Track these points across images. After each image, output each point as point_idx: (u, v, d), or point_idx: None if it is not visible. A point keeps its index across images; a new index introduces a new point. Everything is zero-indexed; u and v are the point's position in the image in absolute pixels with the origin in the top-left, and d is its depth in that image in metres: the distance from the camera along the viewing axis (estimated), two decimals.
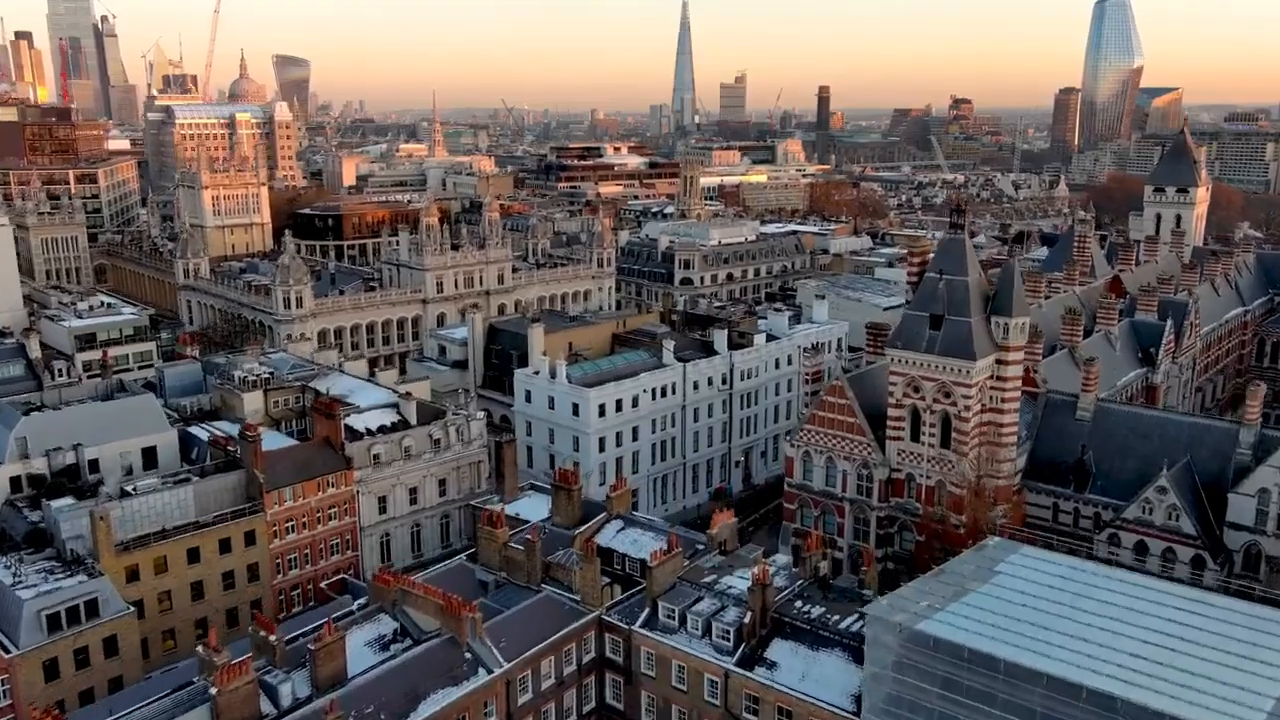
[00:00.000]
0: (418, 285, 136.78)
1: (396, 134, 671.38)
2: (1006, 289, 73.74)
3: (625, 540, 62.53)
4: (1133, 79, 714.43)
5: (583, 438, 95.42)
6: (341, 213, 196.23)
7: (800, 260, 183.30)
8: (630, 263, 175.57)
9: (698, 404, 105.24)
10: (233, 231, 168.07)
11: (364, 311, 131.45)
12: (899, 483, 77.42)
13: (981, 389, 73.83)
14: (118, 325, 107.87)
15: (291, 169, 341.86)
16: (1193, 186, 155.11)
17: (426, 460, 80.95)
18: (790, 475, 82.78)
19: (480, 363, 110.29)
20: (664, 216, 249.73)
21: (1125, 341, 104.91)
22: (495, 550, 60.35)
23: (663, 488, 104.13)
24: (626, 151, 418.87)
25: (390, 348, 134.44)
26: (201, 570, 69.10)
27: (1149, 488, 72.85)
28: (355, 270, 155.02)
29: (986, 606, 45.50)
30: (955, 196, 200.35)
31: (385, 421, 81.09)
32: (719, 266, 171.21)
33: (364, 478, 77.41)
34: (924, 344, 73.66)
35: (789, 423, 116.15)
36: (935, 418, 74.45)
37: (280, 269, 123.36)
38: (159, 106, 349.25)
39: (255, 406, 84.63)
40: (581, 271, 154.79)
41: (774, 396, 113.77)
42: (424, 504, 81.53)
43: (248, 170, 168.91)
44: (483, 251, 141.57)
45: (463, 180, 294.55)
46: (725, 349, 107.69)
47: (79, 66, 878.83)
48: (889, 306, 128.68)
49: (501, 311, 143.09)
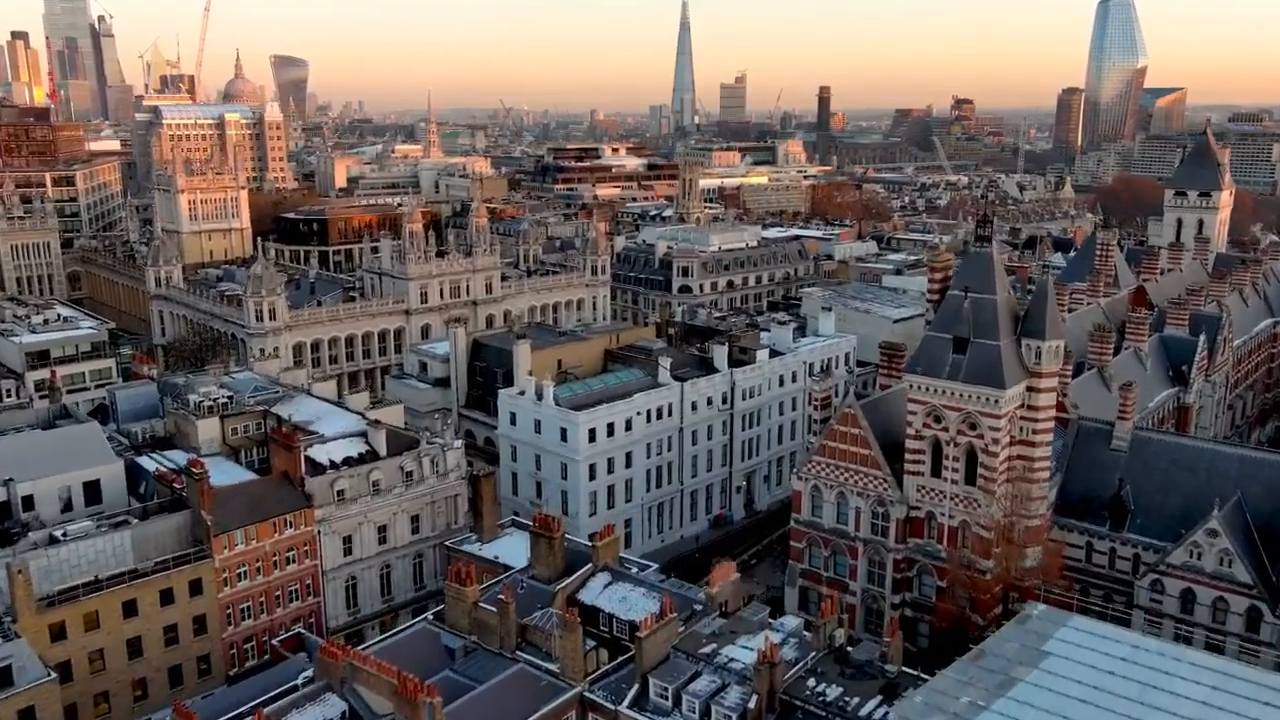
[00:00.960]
0: (400, 295, 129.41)
1: (395, 134, 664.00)
2: (1039, 308, 66.35)
3: (613, 597, 55.12)
4: (1136, 79, 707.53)
5: (571, 465, 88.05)
6: (326, 217, 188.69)
7: (804, 266, 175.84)
8: (626, 269, 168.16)
9: (696, 426, 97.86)
10: (210, 237, 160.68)
11: (343, 323, 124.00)
12: (918, 522, 69.99)
13: (1011, 420, 66.42)
14: (74, 341, 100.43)
15: (282, 170, 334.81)
16: (1216, 190, 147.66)
17: (397, 495, 73.54)
18: (797, 511, 75.33)
19: (463, 380, 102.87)
20: (662, 219, 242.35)
21: (1155, 359, 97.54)
22: (464, 611, 52.97)
23: (658, 516, 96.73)
24: (625, 153, 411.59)
25: (371, 361, 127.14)
26: (140, 625, 61.70)
27: (1198, 530, 65.49)
28: (336, 279, 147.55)
29: (1040, 703, 38.13)
30: (981, 205, 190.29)
31: (352, 452, 73.64)
32: (719, 274, 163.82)
33: (327, 516, 70.00)
34: (947, 370, 66.25)
35: (794, 444, 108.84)
36: (959, 451, 67.04)
37: (252, 279, 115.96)
38: (147, 106, 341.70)
39: (211, 435, 77.18)
40: (575, 280, 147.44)
41: (778, 416, 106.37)
42: (395, 543, 74.10)
43: (227, 173, 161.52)
44: (470, 259, 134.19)
45: (455, 183, 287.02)
46: (725, 366, 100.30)
47: (76, 67, 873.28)
48: (900, 319, 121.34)
49: (490, 323, 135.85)
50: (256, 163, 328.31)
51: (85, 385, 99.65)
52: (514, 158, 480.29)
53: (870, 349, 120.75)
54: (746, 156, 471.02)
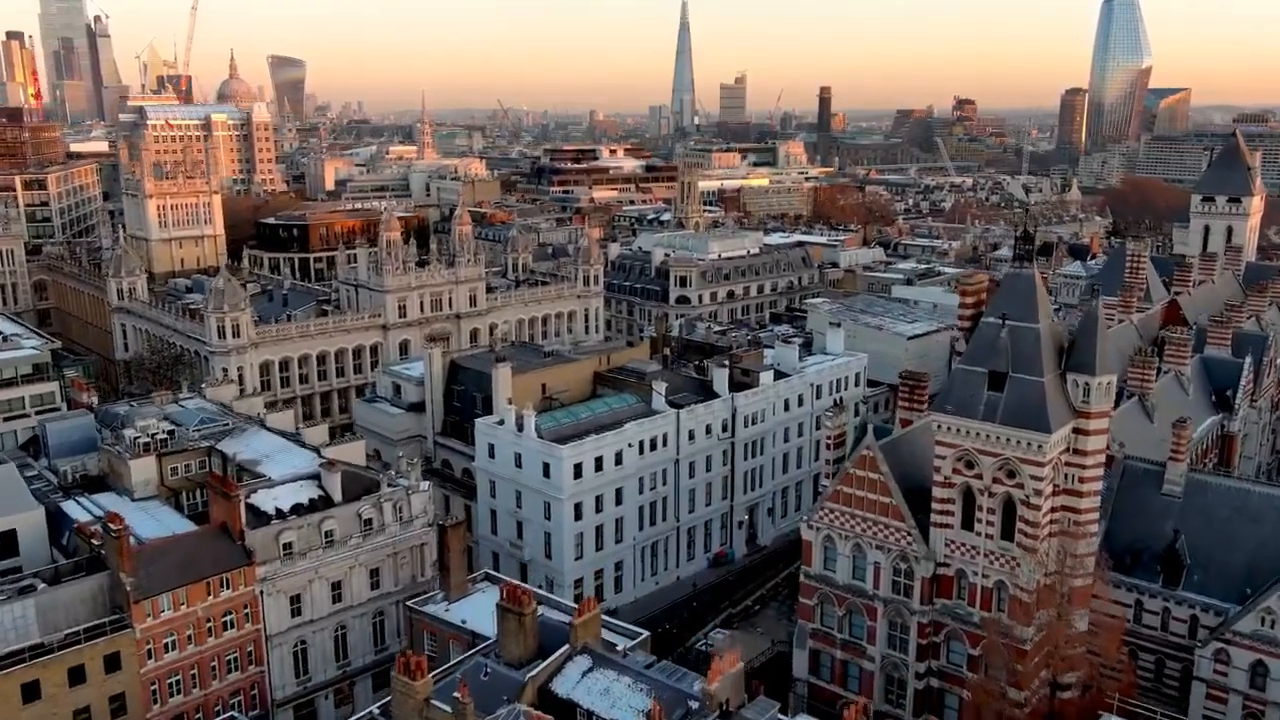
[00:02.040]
0: (378, 308, 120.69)
1: (392, 135, 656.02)
2: (1088, 338, 57.62)
3: (593, 689, 46.40)
4: (1141, 79, 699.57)
5: (555, 504, 79.36)
6: (307, 222, 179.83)
7: (808, 275, 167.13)
8: (621, 278, 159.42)
9: (694, 457, 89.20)
10: (181, 245, 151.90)
11: (314, 340, 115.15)
12: (947, 581, 61.26)
13: (1055, 466, 57.72)
14: (12, 362, 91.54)
15: (271, 173, 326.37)
16: (1246, 195, 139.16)
17: (354, 547, 64.83)
18: (807, 563, 66.58)
19: (440, 406, 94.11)
20: (660, 224, 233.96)
21: (1197, 383, 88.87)
22: (413, 710, 44.24)
23: (652, 556, 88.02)
24: (623, 154, 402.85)
25: (345, 380, 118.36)
26: (44, 710, 53.01)
27: (1271, 594, 56.91)
28: (311, 290, 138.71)
29: None
30: (1022, 220, 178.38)
31: (303, 498, 64.91)
32: (719, 283, 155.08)
33: (271, 574, 61.29)
34: (981, 409, 57.52)
35: (800, 473, 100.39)
36: (995, 502, 58.32)
37: (214, 292, 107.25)
38: (132, 107, 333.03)
39: (147, 476, 68.47)
40: (566, 290, 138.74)
41: (783, 443, 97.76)
42: (351, 601, 65.39)
43: (199, 176, 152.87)
44: (452, 270, 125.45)
45: (446, 185, 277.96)
46: (726, 390, 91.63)
47: (72, 67, 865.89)
48: (914, 335, 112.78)
49: (474, 337, 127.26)
50: (244, 165, 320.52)
51: (25, 411, 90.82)
52: (510, 159, 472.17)
53: (882, 367, 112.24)
54: (747, 158, 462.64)
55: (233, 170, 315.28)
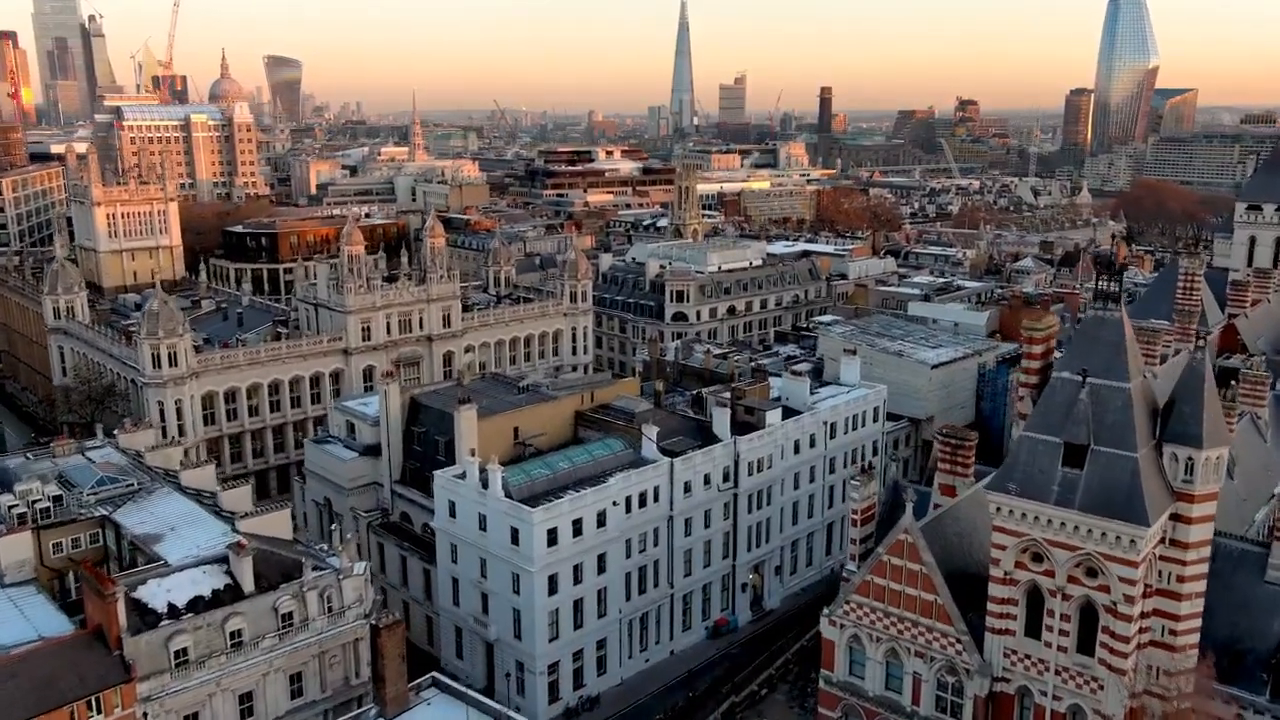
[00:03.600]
0: (339, 331, 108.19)
1: (388, 136, 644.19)
2: (1192, 400, 45.25)
3: None
4: (1148, 79, 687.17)
5: (525, 577, 66.87)
6: (276, 230, 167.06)
7: (815, 288, 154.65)
8: (613, 292, 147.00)
9: (691, 512, 76.73)
10: (134, 256, 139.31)
11: (265, 367, 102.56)
12: (1006, 700, 48.90)
13: (1149, 562, 45.37)
14: None
15: (254, 175, 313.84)
16: None
17: (268, 650, 52.39)
18: (829, 667, 54.19)
19: (398, 450, 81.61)
20: (657, 230, 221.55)
21: (1276, 428, 76.53)
22: None
23: (641, 630, 75.47)
24: (620, 156, 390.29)
25: (302, 411, 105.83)
26: None
27: None
28: (271, 308, 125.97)
29: None
30: (1112, 246, 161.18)
31: (205, 589, 52.43)
32: (719, 298, 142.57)
33: (157, 691, 48.84)
34: (1055, 491, 45.19)
35: (811, 523, 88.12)
36: (1070, 607, 45.99)
37: (148, 315, 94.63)
38: (108, 107, 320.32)
39: (20, 557, 55.99)
40: (551, 308, 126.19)
41: (792, 491, 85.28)
42: (266, 716, 52.94)
43: (153, 182, 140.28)
44: (423, 286, 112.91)
45: (433, 189, 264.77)
46: (728, 433, 79.17)
47: (66, 67, 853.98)
48: (939, 363, 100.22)
49: (448, 362, 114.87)
50: (226, 167, 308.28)
51: None
52: (505, 160, 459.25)
53: (903, 400, 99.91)
54: (747, 159, 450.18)
55: (214, 173, 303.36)
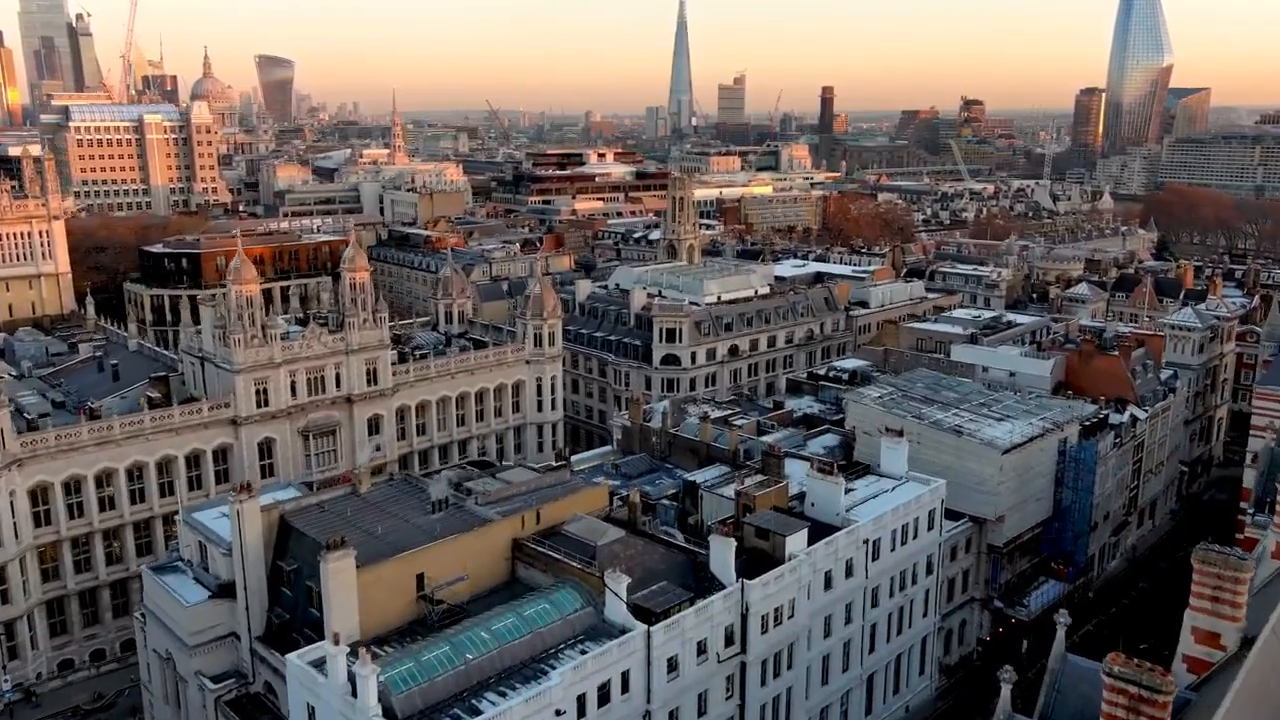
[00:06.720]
0: (227, 394, 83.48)
1: (380, 137, 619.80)
2: None
3: None
4: (1162, 78, 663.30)
5: None
6: (200, 251, 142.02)
7: (833, 320, 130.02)
8: (592, 327, 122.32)
9: (679, 699, 52.09)
10: (9, 287, 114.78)
11: (121, 447, 77.68)
12: None
13: None
14: None
15: (214, 180, 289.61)
16: None
17: None
18: None
19: (260, 594, 56.79)
20: (649, 243, 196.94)
21: None
22: None
23: None
24: (612, 158, 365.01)
25: (174, 501, 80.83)
26: None
27: None
28: (159, 356, 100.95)
29: None
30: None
31: None
32: (718, 336, 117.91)
33: None
34: None
35: (848, 678, 63.42)
36: None
37: None
38: (56, 107, 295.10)
39: None
40: (511, 355, 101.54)
41: (821, 642, 60.66)
42: None
43: (33, 197, 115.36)
44: (340, 335, 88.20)
45: (401, 198, 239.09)
46: (732, 576, 54.52)
47: (53, 66, 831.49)
48: (1011, 446, 75.19)
49: (374, 428, 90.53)
50: (184, 171, 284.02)
51: None
52: (495, 163, 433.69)
53: (964, 492, 75.16)
54: (747, 160, 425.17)
55: (170, 178, 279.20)
